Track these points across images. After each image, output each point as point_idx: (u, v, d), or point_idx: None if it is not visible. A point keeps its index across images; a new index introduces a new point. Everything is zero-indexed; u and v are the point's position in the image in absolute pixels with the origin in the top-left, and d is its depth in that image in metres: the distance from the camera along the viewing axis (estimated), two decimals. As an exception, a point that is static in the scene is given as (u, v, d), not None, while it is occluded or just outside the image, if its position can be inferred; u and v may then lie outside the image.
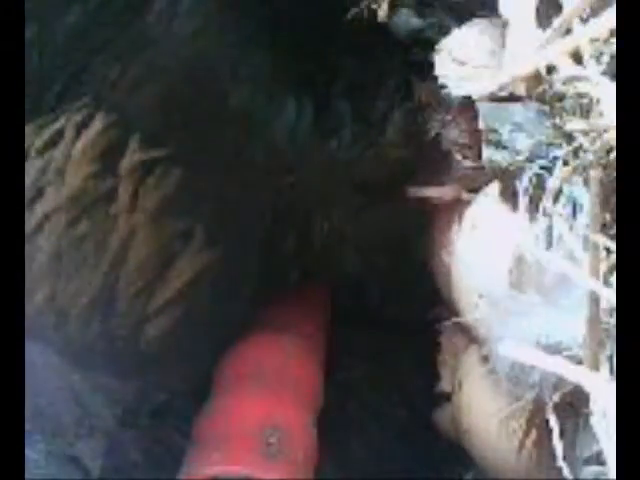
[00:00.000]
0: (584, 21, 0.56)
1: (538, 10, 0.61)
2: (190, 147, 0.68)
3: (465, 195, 0.72)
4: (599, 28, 0.54)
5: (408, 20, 0.86)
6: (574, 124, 0.60)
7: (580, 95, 0.59)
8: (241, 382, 0.73)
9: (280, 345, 0.75)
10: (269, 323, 0.76)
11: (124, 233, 0.66)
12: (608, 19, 0.53)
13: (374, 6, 0.83)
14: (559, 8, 0.59)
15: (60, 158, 0.65)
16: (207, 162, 0.69)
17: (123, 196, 0.66)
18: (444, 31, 0.82)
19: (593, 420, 0.59)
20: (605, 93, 0.56)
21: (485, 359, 0.69)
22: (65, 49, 0.69)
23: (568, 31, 0.57)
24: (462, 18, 0.81)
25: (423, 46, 0.79)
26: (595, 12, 0.57)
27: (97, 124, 0.66)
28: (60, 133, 0.66)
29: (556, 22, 0.57)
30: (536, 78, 0.62)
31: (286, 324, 0.77)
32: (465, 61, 0.68)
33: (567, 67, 0.57)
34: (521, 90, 0.64)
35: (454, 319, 0.70)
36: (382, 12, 0.84)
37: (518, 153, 0.68)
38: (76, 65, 0.69)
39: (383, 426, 0.82)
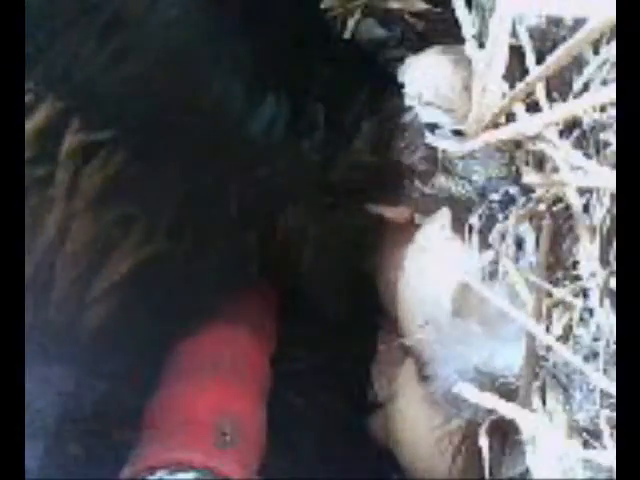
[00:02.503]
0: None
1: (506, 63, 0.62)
2: (157, 133, 0.67)
3: (417, 218, 0.74)
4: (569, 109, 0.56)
5: (371, 30, 0.88)
6: (530, 176, 0.62)
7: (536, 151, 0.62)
8: (195, 372, 0.73)
9: (234, 336, 0.76)
10: (223, 314, 0.76)
11: (61, 218, 0.65)
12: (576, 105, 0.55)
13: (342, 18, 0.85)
14: (524, 67, 0.62)
15: None
16: (175, 150, 0.68)
17: (61, 180, 0.65)
18: (407, 45, 0.84)
19: (527, 449, 0.63)
20: (561, 153, 0.59)
21: (425, 379, 0.71)
22: (37, 17, 0.65)
23: (530, 94, 0.59)
24: (425, 37, 0.83)
25: (388, 60, 0.81)
26: (561, 78, 0.59)
27: (44, 108, 0.65)
28: None
29: (521, 85, 0.59)
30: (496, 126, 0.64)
31: (239, 315, 0.77)
32: (431, 99, 0.70)
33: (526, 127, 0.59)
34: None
35: (397, 340, 0.73)
36: (352, 22, 0.85)
37: (472, 184, 0.71)
38: (47, 35, 0.65)
39: (323, 417, 0.84)
